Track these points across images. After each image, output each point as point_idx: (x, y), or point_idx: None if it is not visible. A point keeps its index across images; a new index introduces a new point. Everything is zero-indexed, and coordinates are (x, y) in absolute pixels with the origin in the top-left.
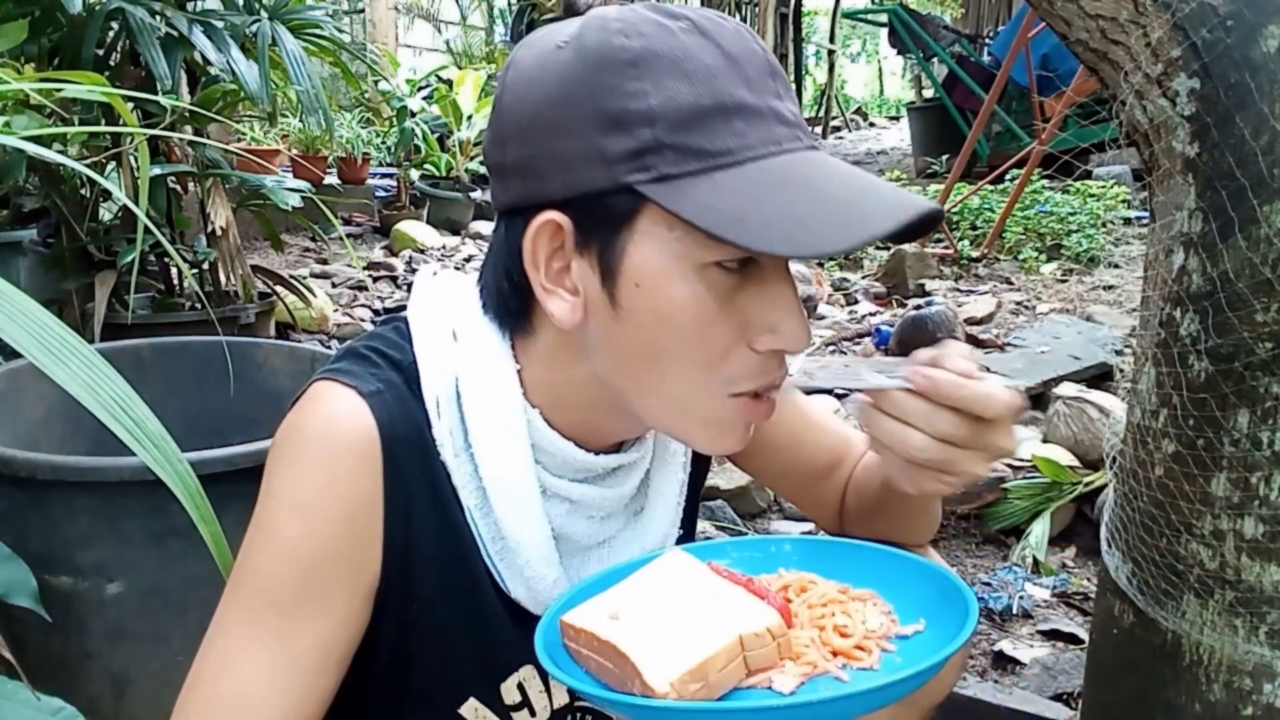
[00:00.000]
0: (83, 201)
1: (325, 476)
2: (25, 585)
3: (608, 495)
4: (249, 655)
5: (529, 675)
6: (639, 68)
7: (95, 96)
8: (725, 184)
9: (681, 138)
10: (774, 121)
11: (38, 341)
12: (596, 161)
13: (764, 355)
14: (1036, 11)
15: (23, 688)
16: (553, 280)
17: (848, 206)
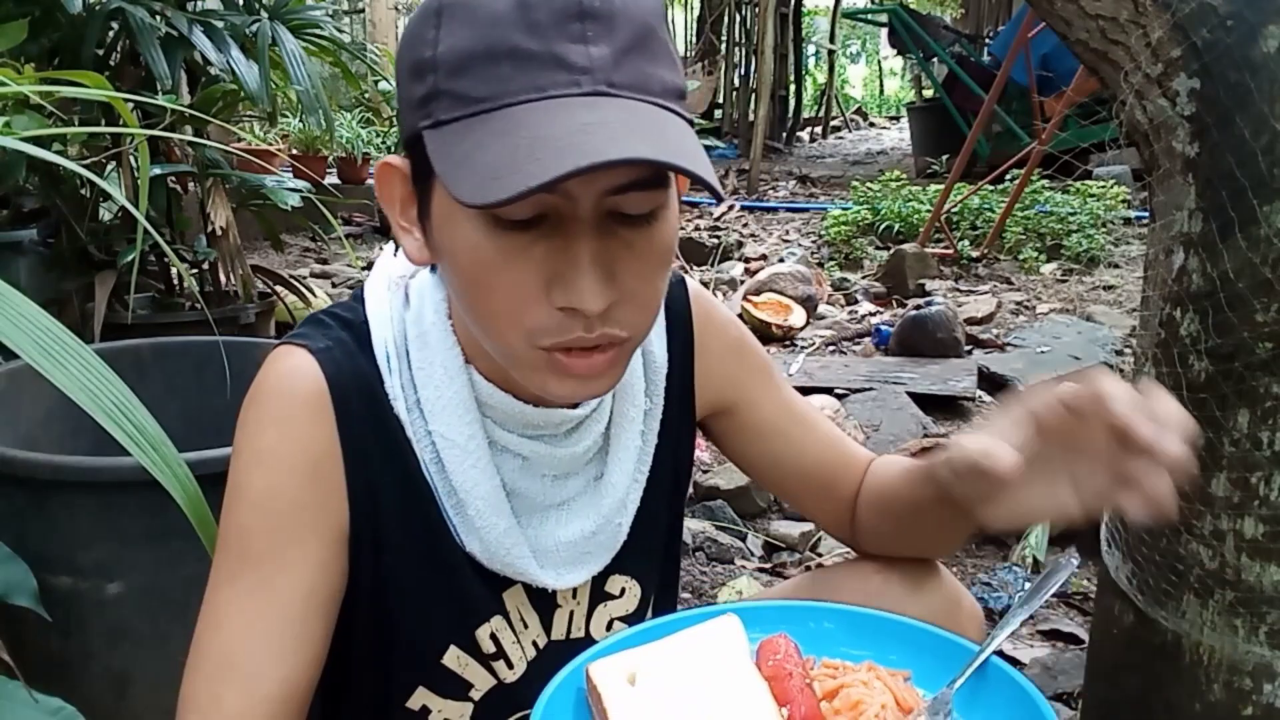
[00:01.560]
0: (83, 201)
1: (280, 428)
2: (25, 585)
3: (559, 454)
4: (235, 610)
5: (500, 626)
6: (440, 16)
7: (95, 96)
8: (470, 130)
9: (453, 83)
10: (551, 67)
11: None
12: (410, 108)
13: (565, 313)
14: (1036, 11)
15: (22, 688)
16: (410, 220)
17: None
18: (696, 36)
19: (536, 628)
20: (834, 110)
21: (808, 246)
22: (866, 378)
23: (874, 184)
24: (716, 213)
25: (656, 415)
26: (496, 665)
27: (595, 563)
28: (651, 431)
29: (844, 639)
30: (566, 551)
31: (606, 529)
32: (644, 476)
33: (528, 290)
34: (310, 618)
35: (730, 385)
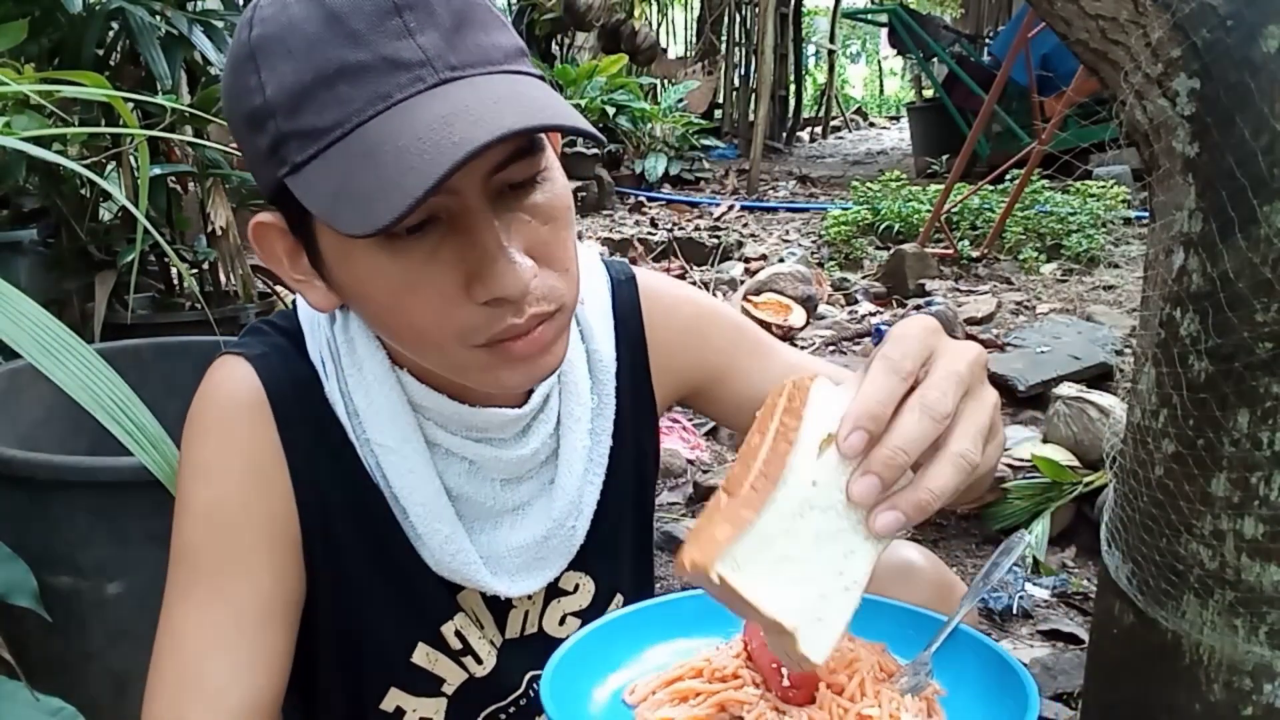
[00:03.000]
0: (83, 201)
1: (220, 436)
2: (25, 585)
3: (506, 457)
4: (192, 626)
5: (464, 623)
6: (255, 59)
7: (95, 96)
8: (331, 163)
9: (295, 122)
10: (387, 71)
11: (38, 343)
12: (259, 162)
13: (490, 306)
14: (1036, 11)
15: (23, 688)
16: (302, 272)
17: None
18: (696, 36)
19: (492, 628)
20: (834, 110)
21: (808, 246)
22: None
23: (874, 184)
24: (716, 213)
25: (607, 414)
26: (465, 660)
27: (550, 568)
28: (603, 431)
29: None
30: (519, 557)
31: (559, 533)
32: (599, 478)
33: (447, 297)
34: (269, 626)
35: (697, 365)
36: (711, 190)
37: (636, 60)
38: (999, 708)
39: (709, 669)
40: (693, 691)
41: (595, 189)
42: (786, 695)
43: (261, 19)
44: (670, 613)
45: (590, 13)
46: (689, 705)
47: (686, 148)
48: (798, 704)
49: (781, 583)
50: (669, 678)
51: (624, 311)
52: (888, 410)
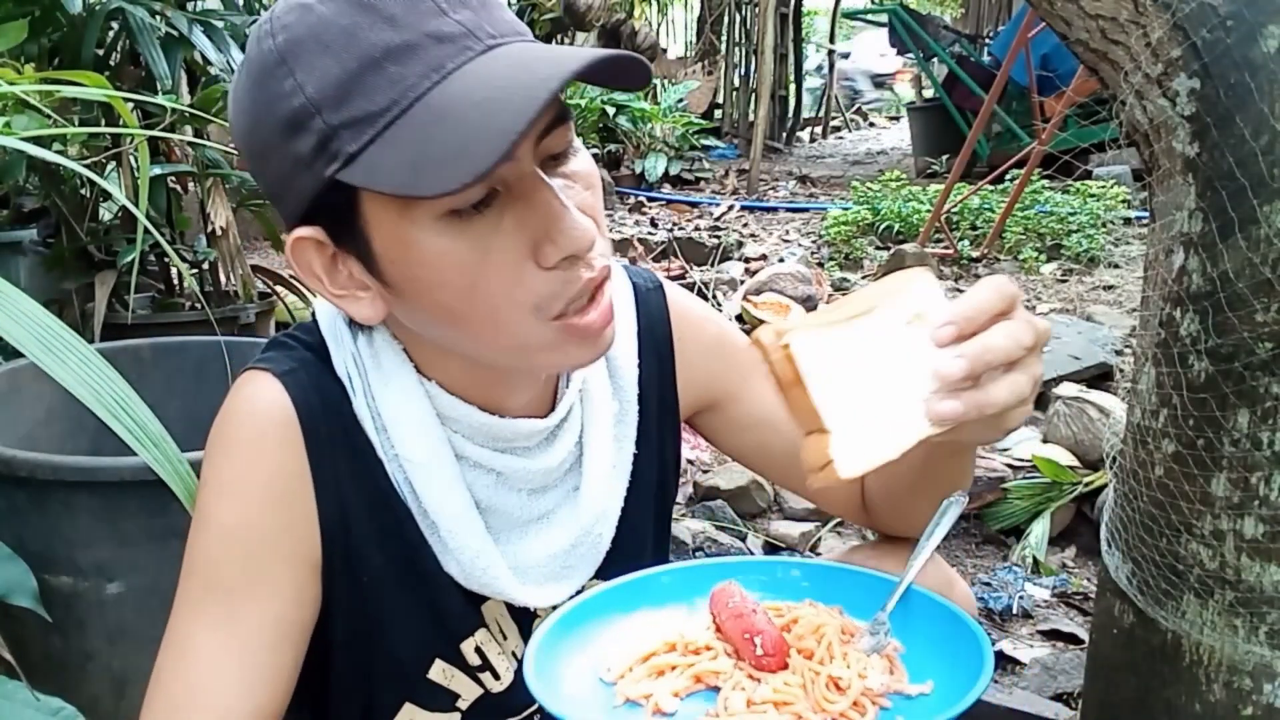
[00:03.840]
0: (83, 201)
1: (248, 455)
2: (25, 585)
3: (533, 467)
4: (201, 643)
5: (485, 639)
6: (287, 63)
7: (95, 96)
8: (396, 138)
9: (346, 112)
10: (433, 45)
11: (39, 341)
12: (301, 169)
13: (559, 269)
14: (1036, 11)
15: (23, 688)
16: (342, 286)
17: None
18: (696, 36)
19: (515, 639)
20: (834, 110)
21: (808, 246)
22: None
23: (874, 184)
24: (716, 213)
25: (630, 421)
26: (483, 676)
27: (578, 577)
28: (626, 438)
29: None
30: (548, 566)
31: (587, 540)
32: (623, 484)
33: (517, 266)
34: (280, 648)
35: (713, 382)
36: (711, 190)
37: None
38: (955, 659)
39: (682, 642)
40: (669, 665)
41: None
42: (760, 663)
43: (283, 25)
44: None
45: (590, 13)
46: (667, 679)
47: (686, 148)
48: (771, 671)
49: (834, 389)
50: (644, 654)
51: (651, 319)
52: (981, 321)
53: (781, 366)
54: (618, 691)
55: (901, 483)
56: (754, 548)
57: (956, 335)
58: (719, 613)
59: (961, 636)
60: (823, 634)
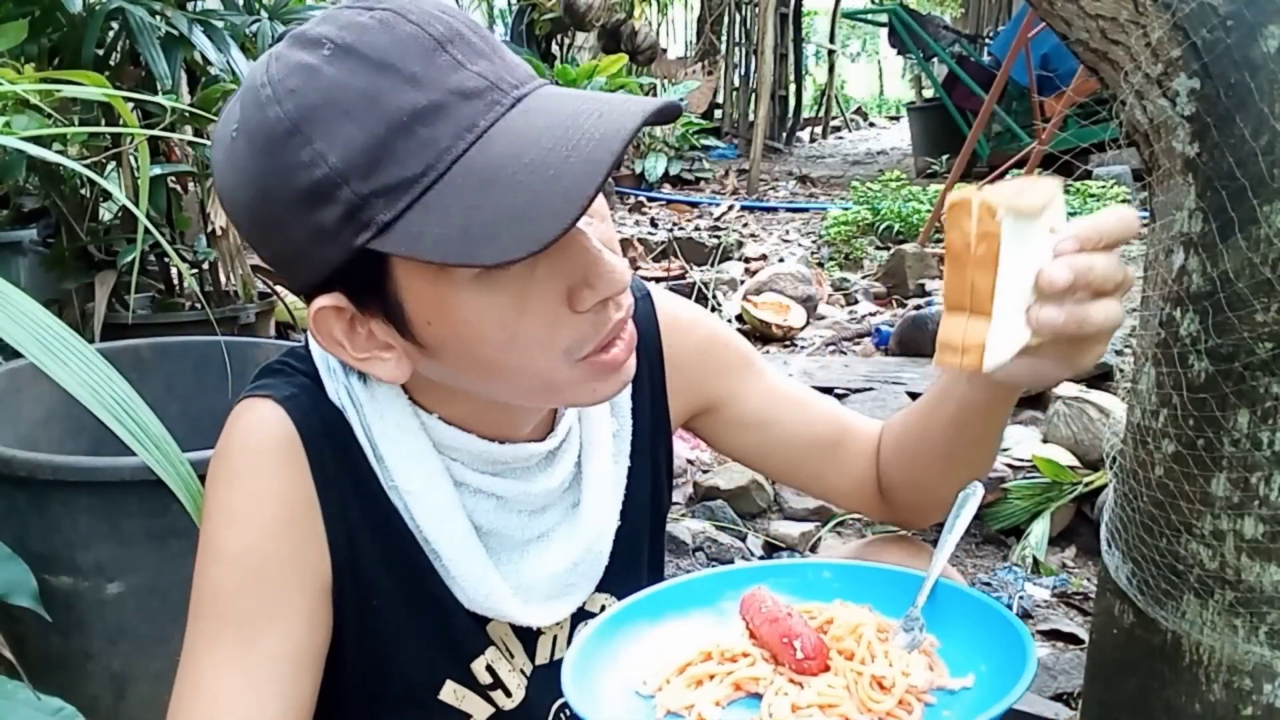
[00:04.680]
0: (83, 201)
1: (253, 482)
2: (25, 585)
3: (534, 489)
4: (218, 677)
5: (495, 656)
6: (302, 131)
7: (95, 96)
8: (438, 204)
9: (378, 180)
10: (460, 103)
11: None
12: (324, 239)
13: (593, 312)
14: (1036, 11)
15: (23, 687)
16: (363, 349)
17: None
18: (696, 36)
19: (522, 657)
20: (834, 110)
21: (808, 246)
22: (866, 378)
23: (874, 184)
24: (716, 213)
25: (625, 436)
26: (495, 694)
27: (579, 593)
28: (622, 453)
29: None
30: (549, 585)
31: (588, 558)
32: (619, 499)
33: (554, 313)
34: (298, 678)
35: (707, 385)
36: (711, 190)
37: (636, 60)
38: (992, 649)
39: (718, 650)
40: (707, 675)
41: None
42: (801, 667)
43: (289, 90)
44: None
45: (590, 13)
46: (706, 688)
47: (686, 148)
48: (813, 674)
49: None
50: (680, 664)
51: (641, 330)
52: (1099, 243)
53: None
54: (658, 704)
55: (930, 452)
56: (754, 548)
57: (1077, 249)
58: (752, 618)
59: (996, 626)
60: (861, 633)
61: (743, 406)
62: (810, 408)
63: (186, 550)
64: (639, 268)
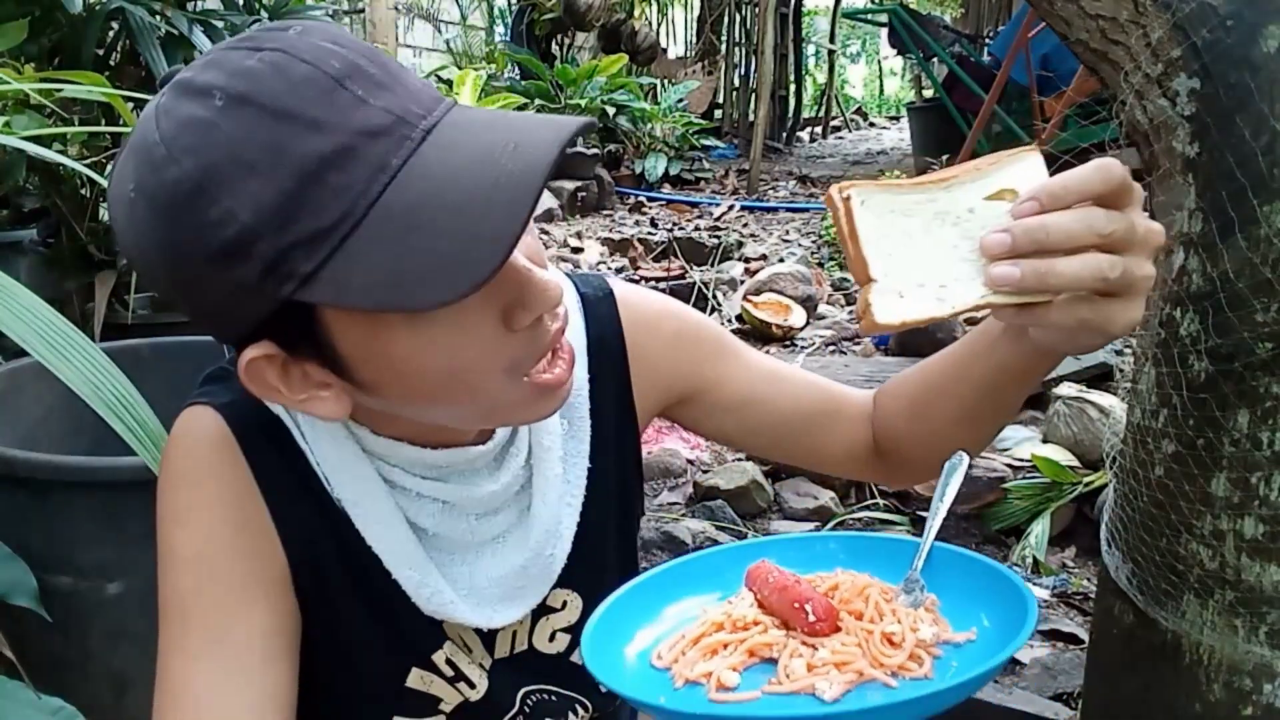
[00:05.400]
0: (83, 201)
1: (194, 482)
2: (25, 585)
3: (478, 493)
4: (192, 675)
5: (454, 650)
6: (207, 192)
7: (95, 96)
8: (360, 251)
9: (294, 233)
10: (368, 143)
11: (41, 337)
12: (245, 294)
13: (529, 329)
14: (1036, 11)
15: (23, 687)
16: (300, 390)
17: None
18: (696, 36)
19: (480, 650)
20: (834, 110)
21: (808, 246)
22: (866, 378)
23: None
24: (716, 213)
25: (581, 438)
26: (459, 686)
27: (531, 596)
28: (577, 454)
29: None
30: (498, 588)
31: (538, 562)
32: (577, 500)
33: (491, 339)
34: (274, 660)
35: (680, 376)
36: (711, 190)
37: (636, 60)
38: (991, 603)
39: (729, 621)
40: (721, 644)
41: (595, 189)
42: (813, 629)
43: (185, 149)
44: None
45: (590, 13)
46: (721, 657)
47: (686, 148)
48: (824, 635)
49: (889, 244)
50: (693, 636)
51: (601, 329)
52: (1068, 200)
53: (844, 218)
54: (675, 674)
55: (952, 408)
56: None
57: (1038, 210)
58: (760, 589)
59: (993, 581)
60: (868, 594)
61: (722, 391)
62: (792, 382)
63: None
64: (639, 268)
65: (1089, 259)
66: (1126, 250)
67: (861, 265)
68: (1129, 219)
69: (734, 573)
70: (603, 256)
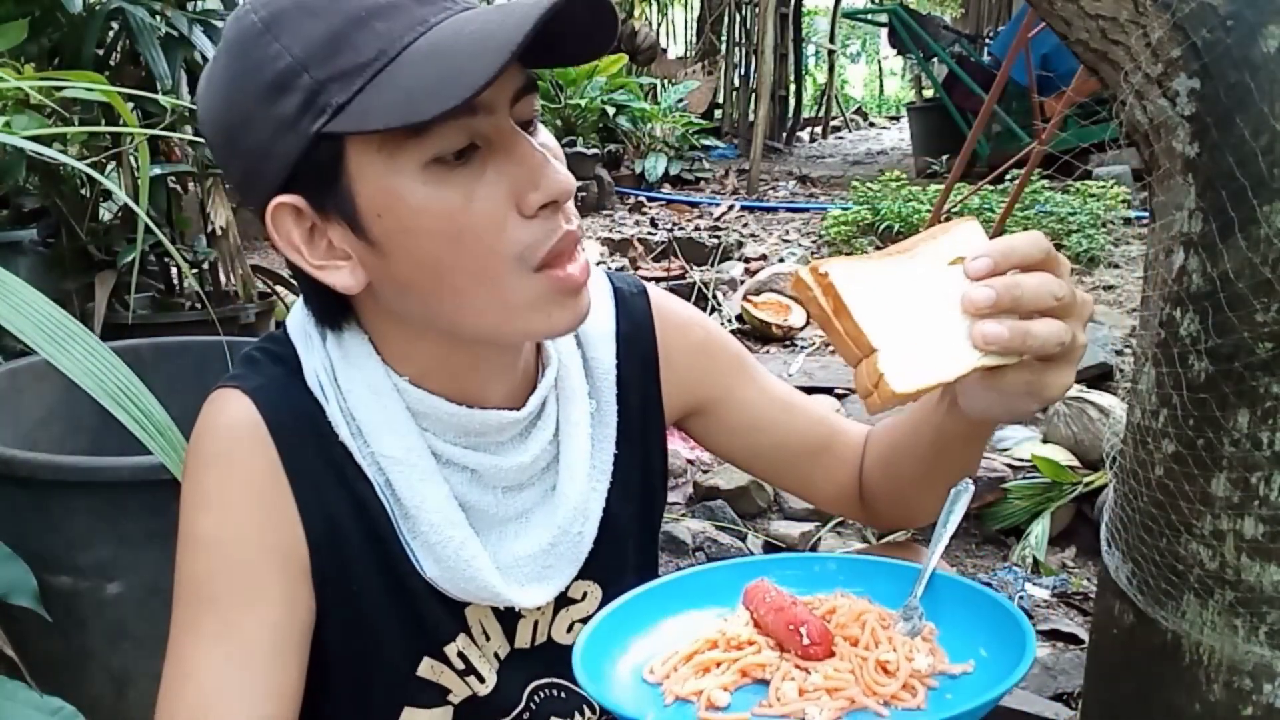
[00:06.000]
0: (83, 201)
1: (222, 466)
2: (25, 585)
3: (506, 464)
4: (202, 658)
5: (466, 644)
6: (271, 30)
7: (95, 96)
8: (388, 83)
9: (334, 66)
10: (415, 6)
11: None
12: (284, 130)
13: (540, 217)
14: (1036, 11)
15: (23, 687)
16: (321, 257)
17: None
18: (696, 36)
19: (499, 639)
20: (834, 110)
21: (808, 246)
22: None
23: (874, 184)
24: (716, 213)
25: (609, 421)
26: (469, 680)
27: (560, 576)
28: (605, 439)
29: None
30: (527, 566)
31: (565, 539)
32: (603, 484)
33: (501, 214)
34: (282, 656)
35: (701, 385)
36: (711, 190)
37: (636, 60)
38: (990, 636)
39: (723, 639)
40: (713, 662)
41: (595, 189)
42: (807, 652)
43: (264, 3)
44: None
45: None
46: (713, 675)
47: (686, 148)
48: (818, 659)
49: (881, 315)
50: (686, 653)
51: (634, 322)
52: (1014, 260)
53: (824, 297)
54: (666, 690)
55: (911, 468)
56: (754, 548)
57: (990, 269)
58: (756, 608)
59: (993, 613)
60: (865, 620)
61: (735, 409)
62: (801, 412)
63: None
64: (639, 268)
65: (1054, 323)
66: (1070, 317)
67: (859, 338)
68: (1070, 287)
69: (732, 589)
70: (603, 256)
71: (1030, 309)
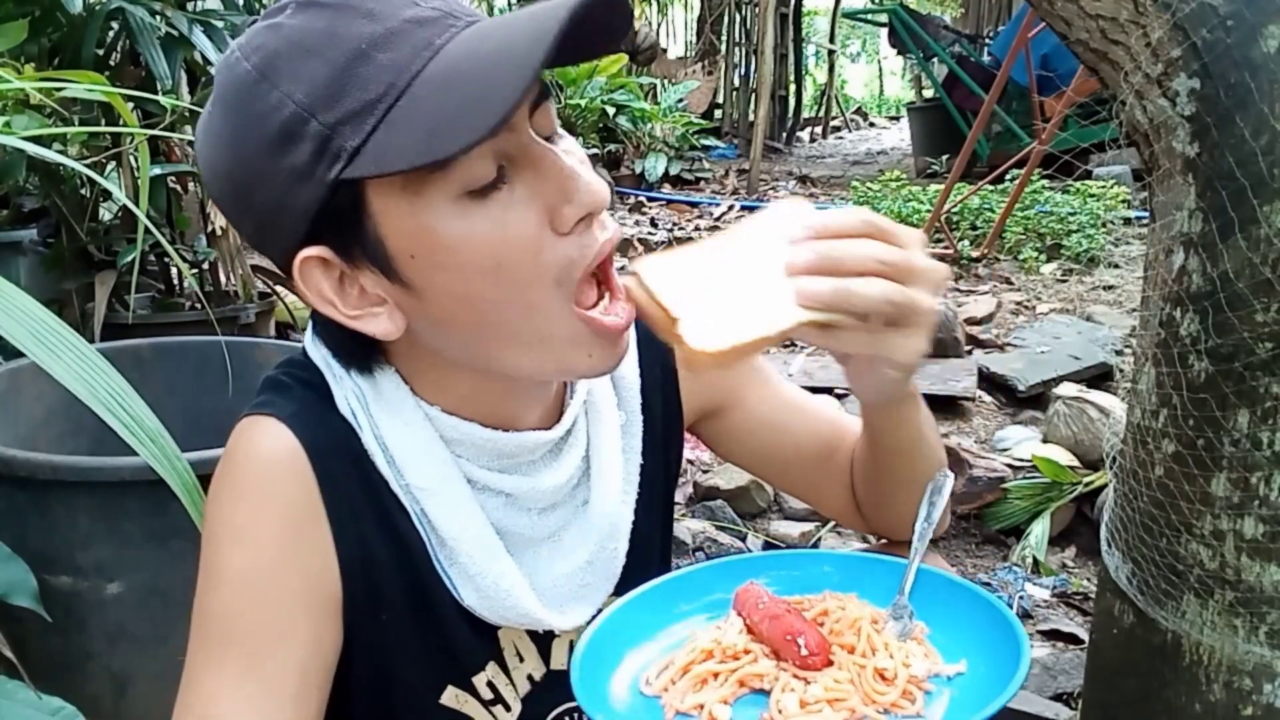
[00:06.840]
0: (83, 201)
1: (257, 499)
2: (25, 585)
3: (541, 485)
4: (224, 699)
5: (495, 672)
6: (268, 77)
7: (95, 96)
8: (402, 119)
9: (342, 108)
10: (416, 29)
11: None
12: (298, 182)
13: (575, 234)
14: (1036, 11)
15: (23, 687)
16: (355, 306)
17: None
18: (696, 36)
19: (534, 660)
20: (834, 110)
21: None
22: None
23: (874, 184)
24: (716, 213)
25: (635, 432)
26: (495, 709)
27: (597, 594)
28: (633, 449)
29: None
30: (565, 585)
31: (602, 556)
32: (633, 497)
33: (537, 236)
34: (305, 697)
35: (716, 389)
36: (711, 190)
37: (636, 60)
38: (980, 633)
39: (719, 649)
40: (711, 673)
41: None
42: (805, 663)
43: (254, 47)
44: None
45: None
46: (712, 687)
47: (686, 148)
48: (816, 669)
49: (689, 292)
50: (683, 664)
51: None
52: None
53: (637, 294)
54: (666, 705)
55: (873, 465)
56: (754, 548)
57: (811, 237)
58: (749, 615)
59: (980, 610)
60: (860, 628)
61: (749, 412)
62: (812, 416)
63: (187, 550)
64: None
65: (878, 282)
66: (909, 282)
67: (664, 316)
68: (906, 254)
69: (722, 589)
70: None
71: (851, 270)
